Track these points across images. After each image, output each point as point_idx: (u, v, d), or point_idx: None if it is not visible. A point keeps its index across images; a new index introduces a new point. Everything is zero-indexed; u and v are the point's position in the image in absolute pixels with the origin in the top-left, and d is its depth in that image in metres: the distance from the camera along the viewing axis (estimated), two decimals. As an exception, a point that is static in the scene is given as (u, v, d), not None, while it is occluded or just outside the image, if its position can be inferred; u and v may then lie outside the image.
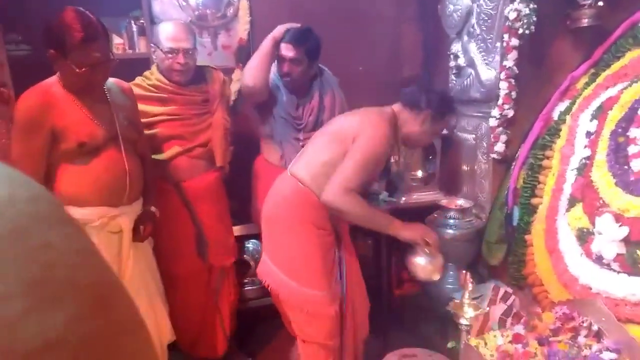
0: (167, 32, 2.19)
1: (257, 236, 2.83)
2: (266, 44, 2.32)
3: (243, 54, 2.85)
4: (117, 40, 2.68)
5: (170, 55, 2.17)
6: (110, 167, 1.87)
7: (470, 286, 2.11)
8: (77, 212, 1.81)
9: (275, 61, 2.38)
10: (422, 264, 2.10)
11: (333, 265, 2.10)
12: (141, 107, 2.18)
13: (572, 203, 1.95)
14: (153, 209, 2.08)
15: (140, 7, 2.62)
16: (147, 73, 2.31)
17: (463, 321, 2.09)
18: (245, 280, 2.86)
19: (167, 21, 2.33)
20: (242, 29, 2.87)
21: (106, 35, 1.78)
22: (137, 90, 2.20)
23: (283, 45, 2.30)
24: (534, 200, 2.27)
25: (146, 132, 2.17)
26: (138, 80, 2.28)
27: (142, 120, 2.16)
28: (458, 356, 2.07)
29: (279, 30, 2.32)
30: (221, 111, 2.37)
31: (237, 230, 2.69)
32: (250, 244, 2.95)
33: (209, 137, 2.33)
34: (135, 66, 2.62)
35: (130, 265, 1.96)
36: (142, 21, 2.64)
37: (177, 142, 2.28)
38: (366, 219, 1.99)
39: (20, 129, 1.75)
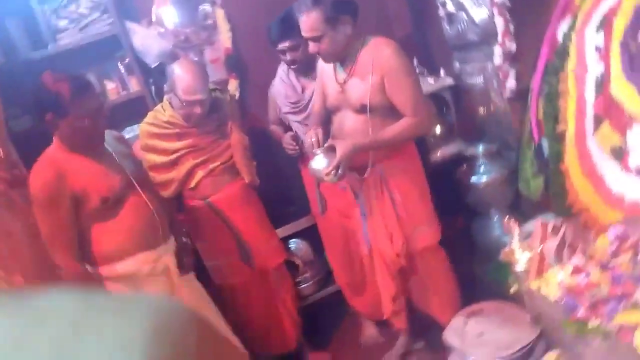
0: (184, 85, 2.13)
1: (298, 235, 2.87)
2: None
3: (232, 62, 2.84)
4: (109, 85, 2.70)
5: (188, 106, 2.18)
6: (138, 213, 1.89)
7: (516, 230, 2.08)
8: (123, 266, 1.86)
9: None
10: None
11: None
12: (159, 143, 2.21)
13: (598, 123, 1.89)
14: (184, 239, 2.10)
15: (122, 47, 2.62)
16: (159, 108, 2.31)
17: (518, 267, 2.07)
18: (298, 280, 2.89)
19: (180, 65, 2.19)
20: (225, 38, 2.85)
21: (90, 83, 1.79)
22: (151, 129, 2.24)
23: (277, 45, 2.40)
24: (559, 128, 2.21)
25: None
26: (150, 117, 2.30)
27: (164, 157, 2.22)
28: (522, 298, 2.06)
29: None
30: (237, 131, 2.37)
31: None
32: (292, 244, 2.97)
33: (229, 154, 2.35)
34: (132, 106, 2.65)
35: (187, 298, 2.01)
36: (127, 60, 2.65)
37: (200, 167, 2.31)
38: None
39: (42, 206, 1.77)
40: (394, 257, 2.23)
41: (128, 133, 2.71)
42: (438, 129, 3.01)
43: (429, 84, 2.86)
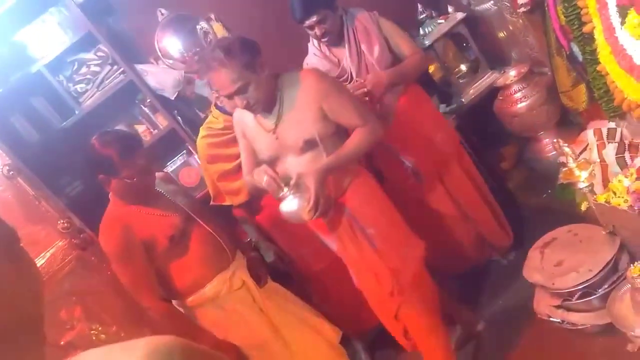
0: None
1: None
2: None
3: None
4: (140, 129, 2.81)
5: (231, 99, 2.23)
6: (204, 242, 1.98)
7: (568, 150, 1.99)
8: (205, 292, 1.97)
9: (310, 38, 2.44)
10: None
11: None
12: (222, 151, 2.28)
13: (623, 13, 1.75)
14: (252, 253, 2.17)
15: (139, 91, 2.72)
16: (211, 119, 2.36)
17: (581, 185, 1.98)
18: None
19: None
20: (229, 48, 2.88)
21: (135, 139, 1.88)
22: (209, 140, 2.30)
23: (304, 22, 2.30)
24: (586, 28, 2.06)
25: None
26: (204, 130, 2.35)
27: (230, 164, 2.28)
28: (593, 215, 1.97)
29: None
30: None
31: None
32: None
33: None
34: (166, 141, 2.75)
35: (271, 305, 2.09)
36: (148, 100, 2.75)
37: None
38: None
39: (118, 260, 1.89)
40: (387, 298, 2.01)
41: (170, 167, 2.82)
42: (463, 67, 2.90)
43: (440, 24, 2.75)
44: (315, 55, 2.45)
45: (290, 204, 1.82)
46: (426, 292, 2.06)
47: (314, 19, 2.27)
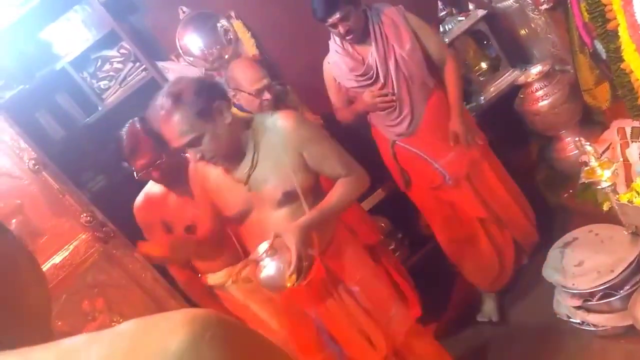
0: (248, 77, 2.25)
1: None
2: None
3: (263, 66, 2.87)
4: (162, 125, 2.85)
5: (258, 95, 2.24)
6: (215, 236, 1.98)
7: (590, 148, 1.96)
8: (214, 278, 2.15)
9: (332, 35, 2.32)
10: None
11: None
12: None
13: (648, 9, 1.72)
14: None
15: (161, 88, 2.75)
16: None
17: (604, 184, 1.95)
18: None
19: (239, 63, 2.38)
20: (249, 46, 2.90)
21: (151, 141, 1.91)
22: None
23: (327, 20, 2.19)
24: (610, 25, 2.03)
25: None
26: None
27: None
28: (616, 215, 1.94)
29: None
30: (308, 114, 2.46)
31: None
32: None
33: None
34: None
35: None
36: (169, 97, 2.79)
37: None
38: None
39: (142, 229, 2.09)
40: None
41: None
42: (484, 65, 2.88)
43: (461, 21, 2.73)
44: (337, 53, 2.35)
45: (267, 270, 1.54)
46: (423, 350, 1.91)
47: (337, 16, 2.16)
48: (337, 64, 2.34)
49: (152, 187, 2.09)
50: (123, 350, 0.38)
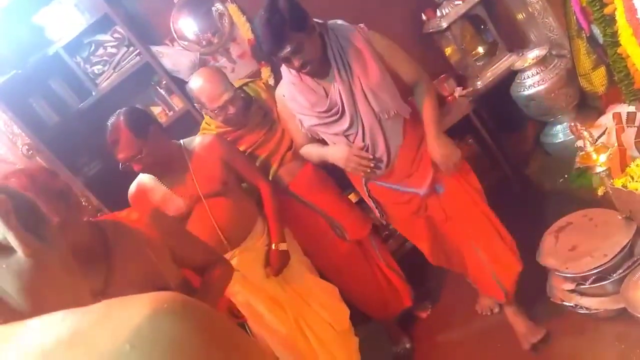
0: (206, 94, 2.16)
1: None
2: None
3: (258, 51, 2.85)
4: (156, 110, 2.84)
5: (220, 112, 2.19)
6: (200, 227, 2.00)
7: (585, 133, 1.96)
8: None
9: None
10: None
11: None
12: None
13: (645, -7, 1.71)
14: (281, 246, 2.12)
15: (155, 72, 2.73)
16: (204, 125, 2.39)
17: (599, 169, 1.96)
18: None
19: (197, 79, 2.21)
20: (244, 30, 2.87)
21: (131, 135, 1.88)
22: None
23: (277, 54, 1.84)
24: (607, 9, 2.02)
25: None
26: (202, 131, 2.38)
27: None
28: (610, 199, 1.95)
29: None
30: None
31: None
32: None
33: (289, 138, 2.33)
34: (182, 122, 2.77)
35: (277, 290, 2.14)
36: (164, 82, 2.77)
37: (270, 160, 2.36)
38: None
39: None
40: None
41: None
42: (481, 50, 2.86)
43: (458, 5, 2.71)
44: (293, 85, 1.99)
45: None
46: None
47: (287, 50, 1.80)
48: (295, 98, 2.01)
49: (142, 177, 2.09)
50: (91, 322, 0.42)
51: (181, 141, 2.12)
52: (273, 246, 2.13)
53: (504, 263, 2.09)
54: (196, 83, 2.18)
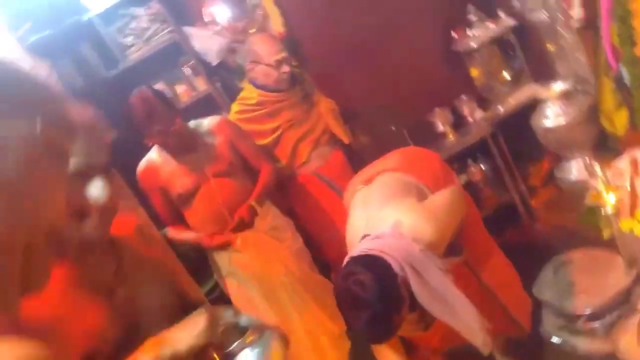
0: (267, 49, 2.32)
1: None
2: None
3: (288, 44, 2.87)
4: (179, 89, 2.87)
5: (277, 67, 2.31)
6: (206, 205, 2.14)
7: (600, 171, 1.95)
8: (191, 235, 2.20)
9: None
10: None
11: None
12: (256, 127, 2.36)
13: (678, 39, 1.69)
14: (255, 205, 2.17)
15: (184, 52, 2.77)
16: (244, 94, 2.45)
17: (608, 209, 1.94)
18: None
19: (256, 37, 2.46)
20: (277, 23, 2.89)
21: (166, 107, 1.98)
22: (243, 116, 2.38)
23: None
24: (637, 50, 2.00)
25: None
26: (237, 106, 2.44)
27: (265, 140, 2.37)
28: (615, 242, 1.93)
29: None
30: (322, 98, 2.50)
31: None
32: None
33: (325, 122, 2.46)
34: (202, 105, 2.80)
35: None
36: (191, 62, 2.80)
37: (303, 141, 2.43)
38: None
39: (144, 191, 2.18)
40: None
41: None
42: (506, 75, 2.85)
43: (490, 28, 2.71)
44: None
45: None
46: None
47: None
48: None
49: (152, 155, 2.15)
50: None
51: (190, 122, 2.17)
52: (253, 202, 2.18)
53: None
54: (258, 40, 2.38)
